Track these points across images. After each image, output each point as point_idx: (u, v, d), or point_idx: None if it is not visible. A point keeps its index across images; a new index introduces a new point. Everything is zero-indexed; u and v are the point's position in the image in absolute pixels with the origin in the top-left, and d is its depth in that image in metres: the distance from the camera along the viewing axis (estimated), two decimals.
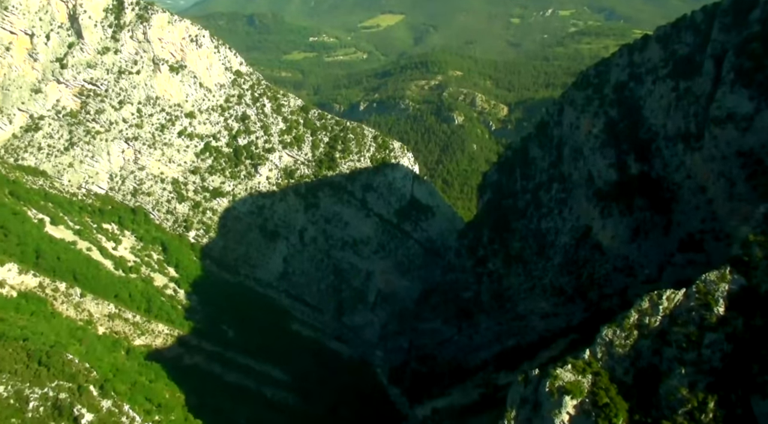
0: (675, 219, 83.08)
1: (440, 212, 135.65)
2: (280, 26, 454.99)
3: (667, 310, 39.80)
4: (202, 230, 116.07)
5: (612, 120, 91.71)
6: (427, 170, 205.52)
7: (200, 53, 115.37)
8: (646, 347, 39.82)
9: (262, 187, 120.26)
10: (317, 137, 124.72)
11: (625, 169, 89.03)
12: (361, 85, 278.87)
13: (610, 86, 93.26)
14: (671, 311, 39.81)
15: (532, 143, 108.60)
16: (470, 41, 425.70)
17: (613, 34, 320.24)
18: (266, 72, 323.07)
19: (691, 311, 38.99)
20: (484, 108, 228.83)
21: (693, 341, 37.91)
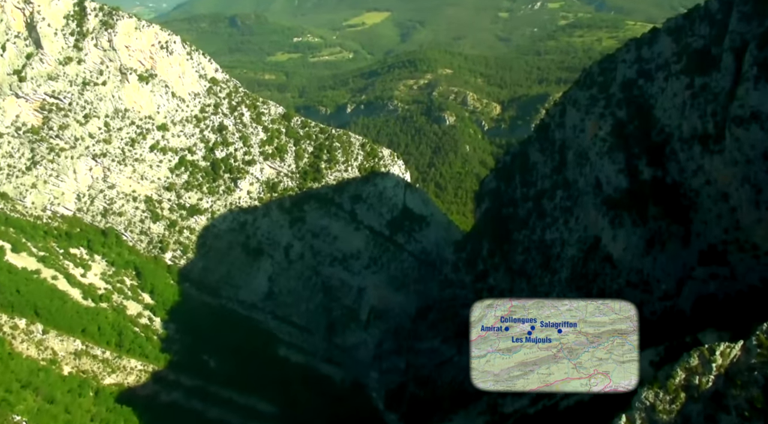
0: (694, 229, 76.15)
1: (435, 221, 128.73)
2: (263, 27, 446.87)
3: (721, 368, 32.85)
4: (179, 251, 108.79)
5: (620, 121, 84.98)
6: (419, 174, 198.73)
7: (171, 61, 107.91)
8: (696, 412, 32.91)
9: (243, 202, 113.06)
10: (301, 147, 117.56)
11: (636, 174, 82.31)
12: (348, 86, 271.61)
13: (616, 85, 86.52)
14: (727, 369, 32.86)
15: (532, 147, 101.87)
16: (458, 37, 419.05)
17: (605, 26, 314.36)
18: (249, 75, 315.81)
19: (752, 370, 32.09)
20: (476, 107, 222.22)
21: (758, 409, 31.07)
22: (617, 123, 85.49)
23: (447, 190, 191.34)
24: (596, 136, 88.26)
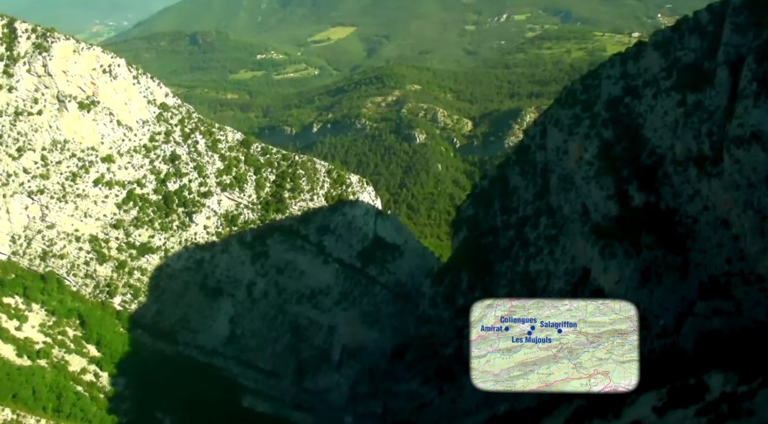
0: (693, 259, 69.86)
1: (409, 250, 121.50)
2: (225, 44, 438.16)
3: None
4: (129, 295, 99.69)
5: (607, 143, 78.95)
6: (390, 196, 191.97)
7: (116, 86, 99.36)
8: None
9: (200, 238, 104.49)
10: (262, 176, 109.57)
11: (626, 200, 76.11)
12: (314, 104, 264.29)
13: (601, 103, 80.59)
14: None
15: (512, 171, 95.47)
16: (425, 51, 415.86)
17: (573, 38, 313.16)
18: (211, 94, 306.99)
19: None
20: (447, 123, 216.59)
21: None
22: (604, 144, 79.48)
23: (420, 212, 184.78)
24: (581, 158, 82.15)
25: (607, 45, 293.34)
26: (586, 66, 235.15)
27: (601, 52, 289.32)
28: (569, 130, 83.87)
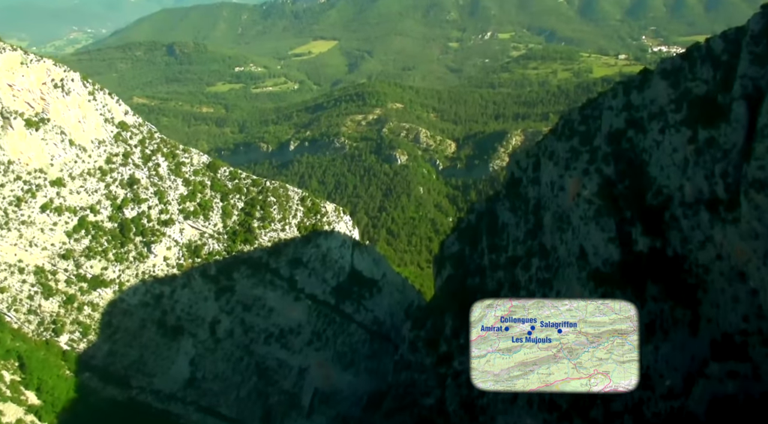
0: (704, 314, 62.79)
1: (388, 284, 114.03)
2: (203, 56, 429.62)
3: None
4: (78, 333, 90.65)
5: (608, 180, 72.04)
6: (369, 219, 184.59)
7: (68, 102, 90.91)
8: None
9: (159, 270, 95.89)
10: (229, 203, 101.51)
11: (629, 244, 69.12)
12: (292, 120, 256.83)
13: (602, 136, 73.79)
14: None
15: (501, 206, 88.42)
16: (408, 67, 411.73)
17: (559, 58, 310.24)
18: (185, 108, 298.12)
19: None
20: (430, 144, 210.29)
21: None
22: (604, 182, 72.51)
23: (400, 238, 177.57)
24: (579, 196, 75.24)
25: (593, 66, 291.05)
26: (572, 88, 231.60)
27: (587, 73, 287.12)
28: (566, 165, 77.10)
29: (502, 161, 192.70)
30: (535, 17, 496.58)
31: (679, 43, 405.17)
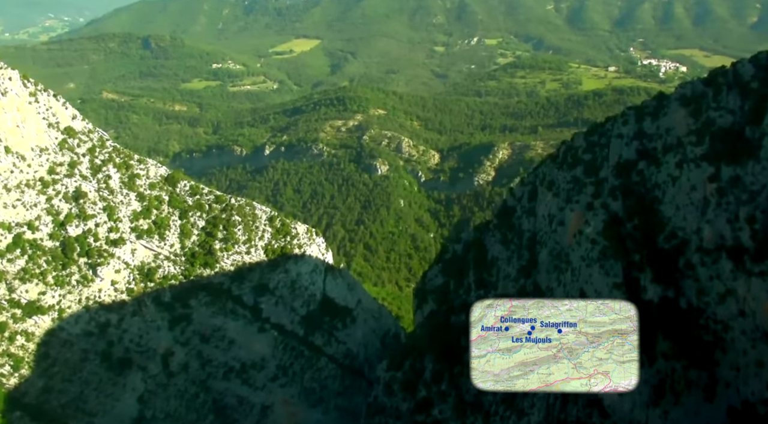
0: (722, 377, 54.65)
1: (363, 311, 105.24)
2: (180, 50, 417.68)
3: None
4: (8, 366, 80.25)
5: (614, 217, 63.85)
6: (346, 232, 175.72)
7: (5, 104, 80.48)
8: None
9: (105, 296, 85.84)
10: (189, 221, 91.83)
11: (637, 292, 61.11)
12: (268, 123, 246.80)
13: (609, 167, 65.60)
14: None
15: (492, 237, 79.99)
16: (392, 70, 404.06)
17: (548, 68, 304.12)
18: (158, 105, 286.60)
19: None
20: (412, 155, 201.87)
21: None
22: (611, 219, 64.29)
23: (378, 254, 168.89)
24: (581, 233, 67.01)
25: (582, 77, 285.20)
26: (562, 101, 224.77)
27: (576, 85, 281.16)
28: (567, 197, 68.88)
29: (487, 175, 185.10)
30: (522, 24, 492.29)
31: (668, 56, 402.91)
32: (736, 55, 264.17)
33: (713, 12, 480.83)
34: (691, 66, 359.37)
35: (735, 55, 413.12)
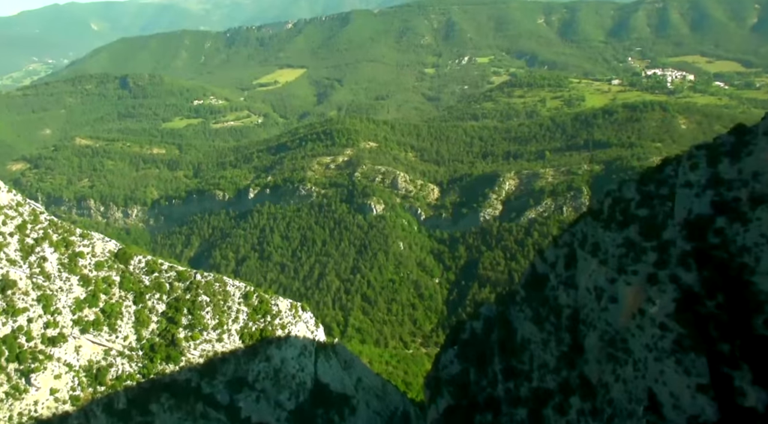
0: None
1: (364, 392, 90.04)
2: (159, 88, 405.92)
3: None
4: None
5: (689, 293, 48.75)
6: (341, 283, 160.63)
7: None
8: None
9: (43, 408, 70.57)
10: (146, 306, 76.99)
11: (731, 396, 46.10)
12: (252, 163, 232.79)
13: (676, 225, 50.81)
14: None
15: (519, 313, 64.88)
16: (381, 96, 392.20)
17: (547, 85, 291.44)
18: (134, 149, 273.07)
19: None
20: (409, 190, 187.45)
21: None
22: (684, 296, 49.06)
23: (378, 305, 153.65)
24: (642, 315, 52.04)
25: (584, 93, 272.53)
26: (569, 121, 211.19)
27: (579, 101, 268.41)
28: (619, 265, 53.78)
29: (494, 210, 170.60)
30: (513, 40, 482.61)
31: (669, 65, 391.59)
32: (740, 59, 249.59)
33: (711, 16, 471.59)
34: (696, 73, 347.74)
35: (738, 58, 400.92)
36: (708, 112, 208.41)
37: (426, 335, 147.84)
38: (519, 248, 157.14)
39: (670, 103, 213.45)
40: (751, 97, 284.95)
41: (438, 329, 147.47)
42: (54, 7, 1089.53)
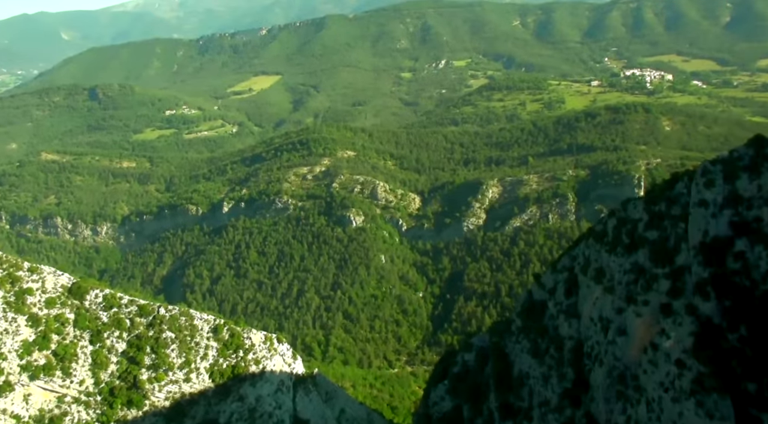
0: None
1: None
2: (129, 99, 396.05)
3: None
4: None
5: (708, 325, 43.03)
6: (321, 300, 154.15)
7: None
8: None
9: None
10: (104, 345, 69.87)
11: None
12: (226, 175, 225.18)
13: (690, 249, 45.20)
14: None
15: (516, 345, 58.91)
16: (359, 102, 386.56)
17: (526, 87, 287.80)
18: (103, 163, 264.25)
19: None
20: (390, 200, 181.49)
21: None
22: (703, 328, 43.30)
23: (360, 323, 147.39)
24: (655, 349, 46.28)
25: (564, 95, 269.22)
26: (550, 124, 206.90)
27: (559, 103, 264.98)
28: (628, 294, 47.87)
29: (478, 219, 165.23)
30: (490, 42, 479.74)
31: (645, 64, 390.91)
32: (715, 57, 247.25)
33: (685, 15, 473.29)
34: (673, 72, 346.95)
35: (714, 57, 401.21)
36: (690, 113, 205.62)
37: (411, 353, 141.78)
38: (505, 258, 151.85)
39: (653, 105, 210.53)
40: (730, 95, 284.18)
41: (423, 346, 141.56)
42: (23, 17, 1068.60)
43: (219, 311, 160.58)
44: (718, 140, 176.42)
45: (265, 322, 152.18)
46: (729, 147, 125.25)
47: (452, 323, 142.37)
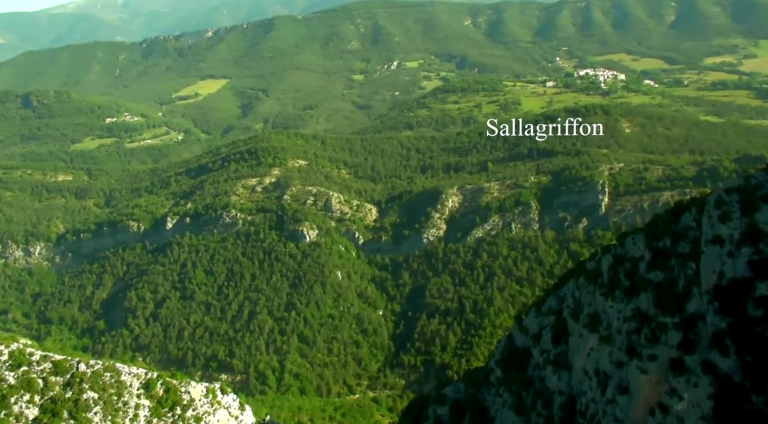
0: None
1: None
2: (66, 106, 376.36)
3: None
4: None
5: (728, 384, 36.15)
6: (275, 322, 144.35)
7: None
8: None
9: None
10: (11, 412, 59.05)
11: None
12: (170, 188, 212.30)
13: (703, 295, 38.04)
14: None
15: (496, 398, 51.19)
16: (309, 106, 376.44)
17: (481, 89, 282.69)
18: (36, 177, 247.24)
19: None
20: (345, 212, 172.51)
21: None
22: (721, 388, 36.36)
23: (317, 345, 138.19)
24: (665, 412, 38.96)
25: (520, 97, 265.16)
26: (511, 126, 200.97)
27: (515, 105, 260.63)
28: (629, 345, 40.94)
29: (438, 230, 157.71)
30: (442, 43, 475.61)
31: (596, 63, 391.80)
32: (663, 56, 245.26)
33: (631, 14, 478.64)
34: (623, 71, 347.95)
35: (661, 55, 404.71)
36: (649, 114, 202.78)
37: (372, 376, 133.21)
38: (468, 271, 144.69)
39: (611, 106, 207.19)
40: (682, 94, 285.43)
41: (385, 369, 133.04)
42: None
43: (164, 338, 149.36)
44: (678, 142, 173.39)
45: (215, 348, 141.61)
46: (689, 149, 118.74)
47: (415, 342, 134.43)
